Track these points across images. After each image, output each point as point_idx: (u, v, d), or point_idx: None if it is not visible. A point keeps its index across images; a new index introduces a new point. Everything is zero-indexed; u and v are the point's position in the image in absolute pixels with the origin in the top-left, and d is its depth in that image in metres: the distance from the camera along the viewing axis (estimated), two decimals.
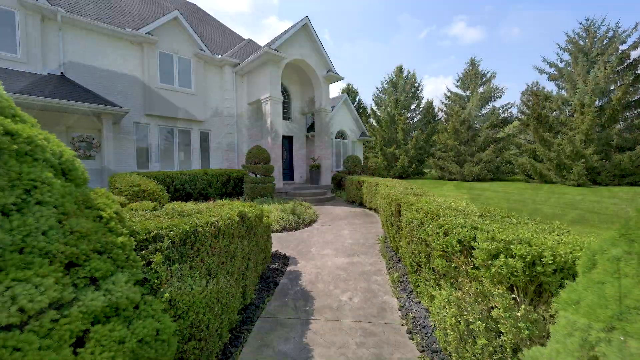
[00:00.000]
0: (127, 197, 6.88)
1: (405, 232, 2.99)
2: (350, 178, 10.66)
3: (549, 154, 17.93)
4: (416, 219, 2.51)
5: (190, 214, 2.28)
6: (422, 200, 3.14)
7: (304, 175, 15.33)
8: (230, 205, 2.82)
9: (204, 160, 12.22)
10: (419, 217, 2.45)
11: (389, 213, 4.20)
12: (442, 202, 2.90)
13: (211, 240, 1.96)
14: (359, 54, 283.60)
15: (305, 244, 5.35)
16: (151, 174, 8.76)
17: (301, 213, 7.38)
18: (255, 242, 2.90)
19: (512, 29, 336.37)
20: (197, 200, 9.71)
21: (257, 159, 10.22)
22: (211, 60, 11.88)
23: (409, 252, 2.83)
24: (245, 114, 12.67)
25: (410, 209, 2.95)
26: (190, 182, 9.49)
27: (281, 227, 6.56)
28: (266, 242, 3.63)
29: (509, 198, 11.45)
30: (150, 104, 10.42)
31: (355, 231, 6.27)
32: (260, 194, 9.89)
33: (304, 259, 4.50)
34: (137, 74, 10.25)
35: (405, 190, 4.50)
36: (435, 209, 2.48)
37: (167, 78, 10.87)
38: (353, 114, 18.15)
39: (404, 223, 3.12)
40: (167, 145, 11.20)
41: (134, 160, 10.28)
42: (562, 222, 1.99)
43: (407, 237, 2.89)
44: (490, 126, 23.09)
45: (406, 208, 3.11)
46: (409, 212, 2.86)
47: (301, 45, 12.16)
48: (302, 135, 15.32)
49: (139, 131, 10.46)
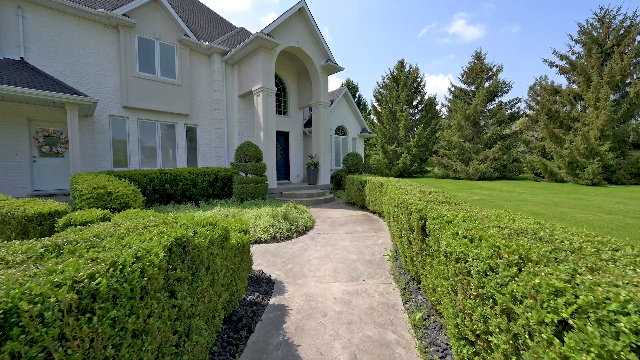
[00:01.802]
0: (89, 202, 5.85)
1: (443, 268, 1.96)
2: (350, 177, 9.64)
3: (561, 151, 16.93)
4: (474, 257, 1.48)
5: (73, 250, 1.25)
6: (464, 215, 2.11)
7: (300, 174, 14.30)
8: (169, 228, 1.79)
9: (191, 159, 11.17)
10: (482, 256, 1.41)
11: (404, 227, 3.18)
12: (504, 222, 1.86)
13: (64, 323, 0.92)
14: (359, 50, 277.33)
15: (297, 260, 4.33)
16: (125, 173, 7.72)
17: (295, 219, 6.35)
18: (210, 280, 1.89)
19: (513, 28, 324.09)
20: (180, 202, 8.68)
21: (247, 157, 9.18)
22: (198, 47, 10.80)
23: (453, 305, 1.80)
24: (236, 108, 11.61)
25: (448, 230, 1.92)
26: (171, 182, 8.45)
27: (270, 236, 5.54)
28: (236, 273, 2.61)
29: (526, 199, 10.44)
30: (129, 95, 9.35)
31: (358, 242, 5.25)
32: (251, 195, 8.86)
33: (294, 283, 3.48)
34: (112, 61, 9.17)
35: (424, 196, 3.48)
36: (515, 244, 1.41)
37: (147, 66, 9.79)
38: (353, 109, 17.10)
39: (437, 251, 2.10)
40: (149, 141, 10.14)
41: (110, 158, 9.22)
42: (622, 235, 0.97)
43: (448, 277, 1.86)
44: (497, 122, 22.07)
45: (440, 228, 2.08)
46: (449, 238, 1.83)
47: (297, 32, 11.09)
48: (299, 131, 14.26)
49: (115, 126, 9.39)
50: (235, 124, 11.65)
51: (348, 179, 9.80)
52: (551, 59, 19.88)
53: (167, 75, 10.23)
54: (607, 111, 15.30)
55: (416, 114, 28.79)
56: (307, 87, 13.22)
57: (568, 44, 19.08)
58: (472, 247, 1.51)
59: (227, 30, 13.88)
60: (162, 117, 10.29)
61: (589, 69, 17.22)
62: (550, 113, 18.86)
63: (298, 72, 13.87)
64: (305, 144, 14.35)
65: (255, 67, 10.40)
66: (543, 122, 18.19)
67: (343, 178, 12.64)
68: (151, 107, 9.84)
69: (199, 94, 11.17)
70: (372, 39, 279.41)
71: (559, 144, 17.89)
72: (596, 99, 16.10)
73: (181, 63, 10.50)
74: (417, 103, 28.62)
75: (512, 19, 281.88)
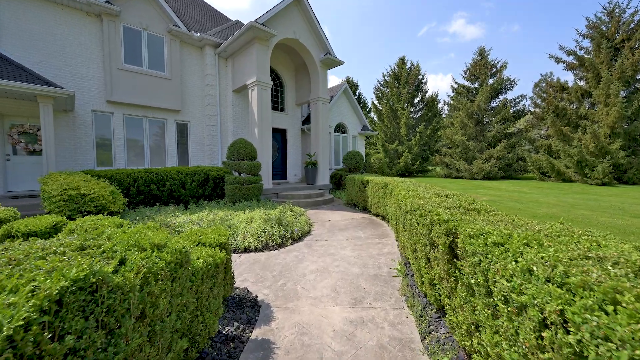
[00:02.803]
0: (59, 205, 5.22)
1: (503, 324, 1.33)
2: (351, 177, 9.02)
3: (569, 150, 16.31)
4: (601, 328, 0.83)
5: None
6: (525, 236, 1.48)
7: (298, 173, 13.67)
8: (80, 258, 1.16)
9: (182, 157, 10.53)
10: (620, 330, 0.77)
11: (421, 240, 2.55)
12: (585, 245, 1.24)
13: None
14: (359, 49, 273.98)
15: (291, 274, 3.71)
16: (106, 173, 7.09)
17: (289, 223, 5.72)
18: (147, 334, 1.26)
19: (512, 27, 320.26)
20: (167, 204, 8.05)
21: (240, 155, 8.55)
22: (189, 39, 10.15)
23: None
24: (230, 103, 10.97)
25: (504, 259, 1.29)
26: (158, 182, 7.81)
27: (262, 244, 4.92)
28: (204, 305, 1.98)
29: (538, 200, 9.82)
30: (113, 89, 8.70)
31: (360, 250, 4.63)
32: (244, 196, 8.23)
33: (284, 307, 2.86)
34: (95, 52, 8.52)
35: (442, 200, 2.85)
36: None
37: (134, 58, 9.14)
38: (354, 106, 16.46)
39: (483, 287, 1.46)
40: (136, 139, 9.50)
41: (93, 157, 8.58)
42: None
43: (513, 338, 1.22)
44: (501, 120, 21.44)
45: (485, 253, 1.46)
46: (516, 276, 1.20)
47: (294, 22, 10.44)
48: (297, 129, 13.63)
49: (99, 122, 8.75)
50: (229, 121, 11.01)
51: (348, 178, 9.18)
52: (557, 55, 19.26)
53: (155, 68, 9.58)
54: (618, 108, 14.67)
55: (417, 112, 28.14)
56: (306, 83, 12.59)
57: (575, 39, 18.37)
58: (583, 308, 0.87)
59: (222, 24, 13.23)
60: (150, 112, 9.64)
61: (598, 65, 16.59)
62: (557, 110, 18.24)
63: (296, 66, 13.23)
64: (304, 142, 13.72)
65: (249, 60, 9.76)
66: (550, 119, 17.56)
67: (343, 178, 12.02)
68: (138, 102, 9.19)
69: (190, 88, 10.53)
70: (372, 38, 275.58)
71: (566, 143, 17.27)
72: (606, 95, 15.47)
73: (171, 55, 9.85)
74: (418, 101, 27.97)
75: (512, 19, 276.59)
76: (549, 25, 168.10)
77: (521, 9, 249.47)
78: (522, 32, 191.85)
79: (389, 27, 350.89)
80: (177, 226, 5.29)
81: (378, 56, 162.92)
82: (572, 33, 40.83)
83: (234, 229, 5.32)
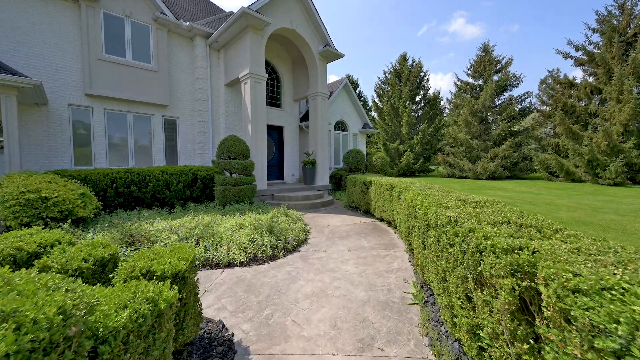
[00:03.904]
0: (14, 210, 4.49)
1: None
2: (352, 177, 8.30)
3: (579, 149, 15.60)
4: None
5: None
6: None
7: (296, 173, 12.94)
8: None
9: (171, 156, 9.79)
10: None
11: (458, 271, 1.82)
12: None
13: None
14: (359, 48, 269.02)
15: (280, 299, 2.99)
16: (80, 173, 6.36)
17: (283, 231, 5.00)
18: None
19: (512, 27, 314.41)
20: (151, 207, 7.33)
21: (232, 153, 7.83)
22: (177, 28, 9.40)
23: None
24: (222, 98, 10.24)
25: None
26: (139, 183, 7.08)
27: (249, 256, 4.20)
28: None
29: (554, 203, 9.11)
30: (92, 81, 7.96)
31: (365, 265, 3.92)
32: (235, 198, 7.51)
33: (268, 354, 2.14)
34: (72, 41, 7.78)
35: (480, 212, 2.13)
36: None
37: (116, 48, 8.40)
38: (354, 102, 15.73)
39: None
40: (119, 136, 8.76)
41: (70, 155, 7.84)
42: None
43: None
44: (507, 118, 20.73)
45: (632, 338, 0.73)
46: None
47: (291, 11, 9.71)
48: (295, 126, 12.90)
49: (77, 117, 8.01)
50: (222, 117, 10.28)
51: (349, 179, 8.46)
52: (565, 50, 18.53)
53: (140, 59, 8.83)
54: (632, 104, 13.97)
55: (419, 111, 27.42)
56: (304, 77, 11.85)
57: (585, 33, 17.66)
58: None
59: (215, 14, 12.47)
60: (135, 107, 8.90)
61: (609, 60, 15.88)
62: (566, 108, 17.54)
63: (293, 60, 12.49)
64: (302, 140, 12.99)
65: (242, 51, 9.02)
66: (559, 117, 16.86)
67: (344, 178, 11.31)
68: (121, 96, 8.45)
69: (179, 82, 9.78)
70: (372, 37, 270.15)
71: (576, 141, 16.57)
72: (619, 91, 14.76)
73: (157, 46, 9.10)
74: (420, 99, 27.26)
75: (511, 18, 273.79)
76: (548, 25, 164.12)
77: (521, 9, 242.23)
78: (522, 32, 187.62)
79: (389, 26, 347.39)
80: (152, 235, 4.57)
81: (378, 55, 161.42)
82: (574, 32, 39.94)
83: (217, 238, 4.60)
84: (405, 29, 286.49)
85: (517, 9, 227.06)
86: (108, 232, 4.57)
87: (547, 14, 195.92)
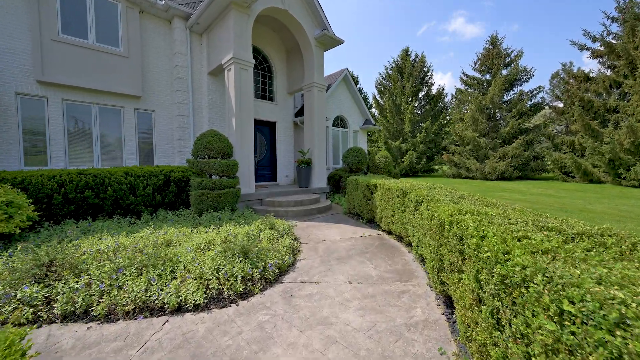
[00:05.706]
0: None
1: None
2: (353, 179, 7.08)
3: (599, 147, 14.38)
4: None
5: None
6: None
7: (290, 174, 11.72)
8: None
9: (146, 155, 8.56)
10: None
11: None
12: None
13: None
14: (358, 47, 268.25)
15: None
16: (16, 175, 5.13)
17: (262, 253, 3.77)
18: None
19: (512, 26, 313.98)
20: (112, 216, 6.10)
21: (211, 151, 6.62)
22: (151, 8, 8.16)
23: None
24: (205, 89, 9.01)
25: None
26: (96, 187, 5.85)
27: (210, 295, 2.98)
28: None
29: (585, 208, 7.89)
30: (45, 67, 6.73)
31: (375, 312, 2.69)
32: (214, 205, 6.29)
33: None
34: (20, 18, 6.54)
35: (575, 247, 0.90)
36: None
37: (75, 29, 7.16)
38: (355, 96, 14.51)
39: None
40: (82, 131, 7.53)
41: (19, 154, 6.61)
42: None
43: None
44: (517, 114, 19.49)
45: None
46: None
47: None
48: (289, 122, 11.67)
49: (28, 108, 6.78)
50: (205, 110, 9.05)
51: (350, 181, 7.24)
52: (581, 42, 17.29)
53: (106, 42, 7.59)
54: None
55: (422, 108, 26.18)
56: (299, 69, 10.62)
57: (603, 22, 16.42)
58: None
59: None
60: (101, 98, 7.66)
61: (632, 50, 14.64)
62: (582, 103, 16.31)
63: (287, 49, 11.26)
64: (297, 137, 11.76)
65: (226, 33, 7.80)
66: (577, 113, 15.63)
67: (343, 179, 10.10)
68: (83, 85, 7.21)
69: (155, 69, 8.54)
70: (372, 36, 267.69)
71: (595, 139, 15.35)
72: None
73: (127, 27, 7.86)
74: (423, 95, 26.04)
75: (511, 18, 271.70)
76: (549, 25, 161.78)
77: (521, 9, 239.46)
78: (522, 32, 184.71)
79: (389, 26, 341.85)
80: (81, 261, 3.34)
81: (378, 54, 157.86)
82: (576, 31, 38.39)
83: (172, 264, 3.38)
84: (405, 28, 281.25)
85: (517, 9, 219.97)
86: (17, 257, 3.33)
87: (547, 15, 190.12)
